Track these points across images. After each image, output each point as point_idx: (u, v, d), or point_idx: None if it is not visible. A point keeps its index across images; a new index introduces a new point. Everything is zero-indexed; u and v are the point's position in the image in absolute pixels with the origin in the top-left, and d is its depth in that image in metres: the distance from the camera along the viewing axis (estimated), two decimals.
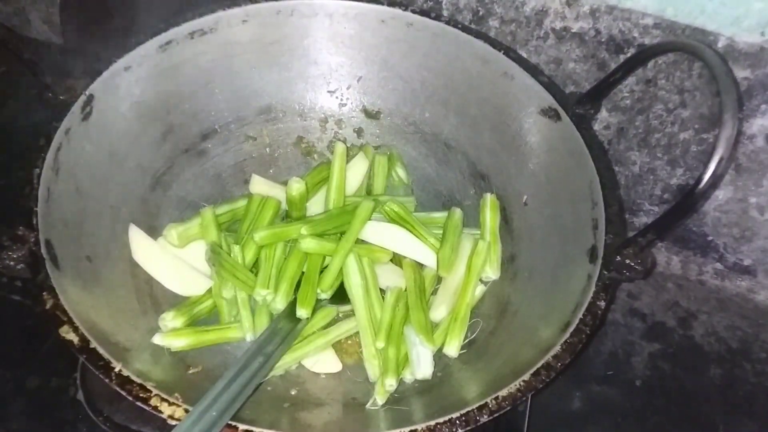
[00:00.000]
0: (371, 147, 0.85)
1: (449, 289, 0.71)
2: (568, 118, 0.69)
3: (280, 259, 0.71)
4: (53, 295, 0.53)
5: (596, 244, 0.61)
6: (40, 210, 0.58)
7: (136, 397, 0.50)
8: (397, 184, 0.85)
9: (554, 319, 0.60)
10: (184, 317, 0.66)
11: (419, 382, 0.66)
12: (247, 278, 0.69)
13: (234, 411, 0.52)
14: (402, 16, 0.77)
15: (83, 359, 0.51)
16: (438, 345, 0.67)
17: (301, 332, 0.67)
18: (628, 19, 0.75)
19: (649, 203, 0.90)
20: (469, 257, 0.72)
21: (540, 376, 0.54)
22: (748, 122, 0.77)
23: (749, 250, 0.87)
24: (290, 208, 0.75)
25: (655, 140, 0.83)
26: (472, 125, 0.80)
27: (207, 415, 0.50)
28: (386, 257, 0.74)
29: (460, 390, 0.63)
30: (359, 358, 0.70)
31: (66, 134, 0.63)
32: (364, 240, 0.73)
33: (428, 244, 0.73)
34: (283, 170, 0.86)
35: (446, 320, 0.69)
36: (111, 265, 0.67)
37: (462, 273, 0.72)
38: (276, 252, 0.71)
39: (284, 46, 0.80)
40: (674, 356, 0.85)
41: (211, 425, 0.50)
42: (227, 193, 0.82)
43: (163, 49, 0.73)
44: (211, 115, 0.80)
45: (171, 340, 0.63)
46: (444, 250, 0.71)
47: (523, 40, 0.82)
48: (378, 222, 0.75)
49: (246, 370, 0.57)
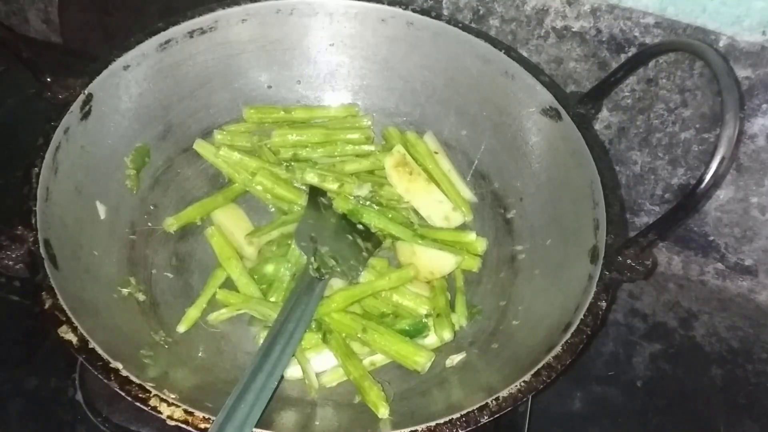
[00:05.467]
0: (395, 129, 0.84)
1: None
2: (569, 117, 0.69)
3: None
4: (52, 294, 0.53)
5: (597, 244, 0.61)
6: (38, 209, 0.58)
7: (135, 398, 0.50)
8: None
9: (555, 319, 0.60)
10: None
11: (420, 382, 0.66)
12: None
13: (265, 402, 0.53)
14: (402, 15, 0.77)
15: (82, 359, 0.51)
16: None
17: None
18: (629, 18, 0.75)
19: (650, 203, 0.90)
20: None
21: (541, 376, 0.53)
22: (750, 122, 0.77)
23: (750, 250, 0.87)
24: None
25: (656, 140, 0.83)
26: (473, 125, 0.80)
27: (239, 409, 0.51)
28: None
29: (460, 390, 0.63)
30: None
31: (65, 133, 0.63)
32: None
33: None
34: None
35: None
36: (110, 264, 0.66)
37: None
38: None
39: (284, 45, 0.80)
40: (675, 357, 0.85)
41: (245, 419, 0.51)
42: None
43: (163, 48, 0.72)
44: (210, 114, 0.80)
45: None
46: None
47: (523, 39, 0.82)
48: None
49: (269, 356, 0.57)
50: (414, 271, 0.71)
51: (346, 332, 0.68)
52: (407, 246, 0.74)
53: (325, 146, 0.82)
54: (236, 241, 0.74)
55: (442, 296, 0.71)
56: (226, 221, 0.75)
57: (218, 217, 0.76)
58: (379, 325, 0.68)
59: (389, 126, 0.83)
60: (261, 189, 0.77)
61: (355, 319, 0.68)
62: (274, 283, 0.71)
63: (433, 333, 0.69)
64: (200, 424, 0.49)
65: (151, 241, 0.73)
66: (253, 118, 0.81)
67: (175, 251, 0.75)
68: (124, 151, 0.72)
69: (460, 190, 0.79)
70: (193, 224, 0.76)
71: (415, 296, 0.70)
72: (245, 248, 0.74)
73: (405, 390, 0.66)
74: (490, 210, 0.79)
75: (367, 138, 0.83)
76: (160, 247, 0.74)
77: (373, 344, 0.67)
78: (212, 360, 0.66)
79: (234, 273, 0.71)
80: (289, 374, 0.66)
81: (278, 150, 0.81)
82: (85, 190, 0.66)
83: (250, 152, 0.79)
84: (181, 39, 0.73)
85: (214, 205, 0.76)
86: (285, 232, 0.75)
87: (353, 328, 0.67)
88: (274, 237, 0.75)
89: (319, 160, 0.81)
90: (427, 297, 0.71)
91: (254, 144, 0.80)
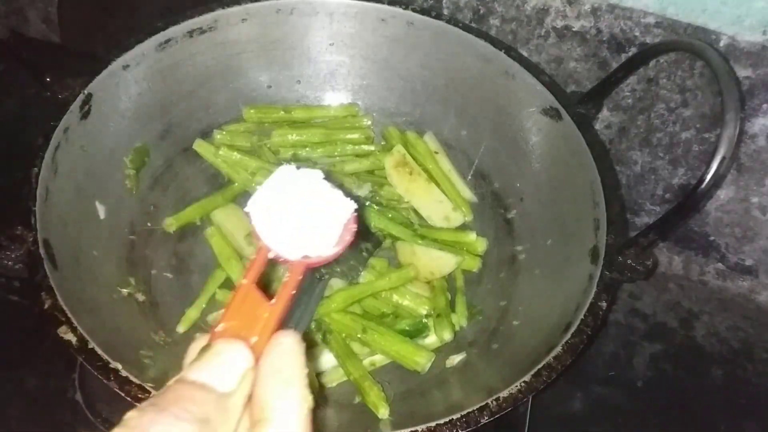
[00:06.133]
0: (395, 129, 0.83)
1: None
2: (570, 117, 0.69)
3: None
4: (51, 295, 0.53)
5: (598, 244, 0.61)
6: (38, 209, 0.57)
7: (134, 398, 0.50)
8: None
9: (555, 319, 0.60)
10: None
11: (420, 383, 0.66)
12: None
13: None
14: (402, 14, 0.77)
15: (82, 359, 0.51)
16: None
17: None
18: (630, 17, 0.75)
19: (651, 203, 0.90)
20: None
21: (541, 376, 0.53)
22: (750, 121, 0.77)
23: (751, 250, 0.87)
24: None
25: (657, 140, 0.83)
26: (473, 124, 0.80)
27: None
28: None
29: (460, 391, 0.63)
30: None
31: (64, 133, 0.63)
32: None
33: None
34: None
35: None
36: (110, 264, 0.66)
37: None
38: None
39: (284, 45, 0.80)
40: (676, 357, 0.85)
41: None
42: None
43: (162, 47, 0.72)
44: (210, 114, 0.80)
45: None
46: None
47: (524, 38, 0.82)
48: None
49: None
50: (414, 271, 0.71)
51: (346, 332, 0.68)
52: (407, 246, 0.74)
53: (325, 146, 0.82)
54: (236, 241, 0.74)
55: (442, 296, 0.71)
56: (226, 221, 0.75)
57: (218, 217, 0.76)
58: (379, 325, 0.67)
59: (389, 126, 0.83)
60: None
61: (355, 320, 0.68)
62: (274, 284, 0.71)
63: (433, 333, 0.69)
64: None
65: (150, 242, 0.73)
66: (253, 118, 0.81)
67: (175, 251, 0.74)
68: (124, 151, 0.72)
69: (460, 190, 0.79)
70: (193, 224, 0.76)
71: (415, 296, 0.70)
72: (245, 248, 0.74)
73: (405, 390, 0.66)
74: (490, 210, 0.79)
75: (367, 138, 0.83)
76: (160, 247, 0.74)
77: (373, 344, 0.67)
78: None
79: (234, 273, 0.71)
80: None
81: (278, 150, 0.81)
82: (85, 190, 0.66)
83: (249, 152, 0.79)
84: (181, 39, 0.73)
85: (213, 205, 0.76)
86: None
87: (353, 328, 0.67)
88: None
89: (319, 160, 0.81)
90: (427, 297, 0.71)
91: (254, 144, 0.80)
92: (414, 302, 0.70)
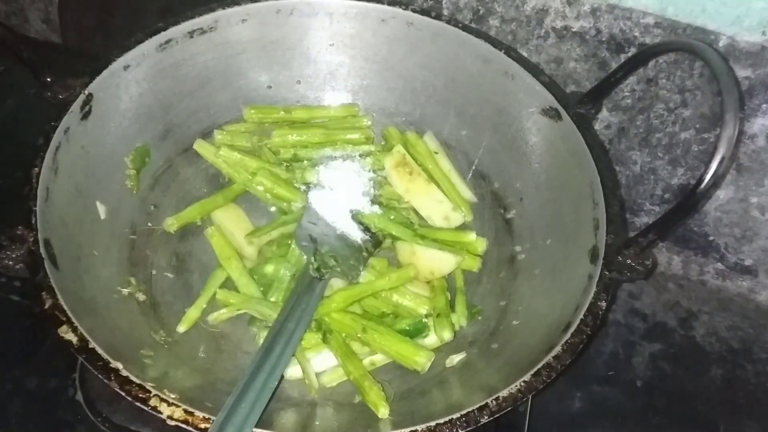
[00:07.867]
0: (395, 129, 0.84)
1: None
2: (569, 117, 0.69)
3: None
4: (52, 294, 0.53)
5: (597, 244, 0.61)
6: (39, 209, 0.58)
7: (135, 398, 0.50)
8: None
9: (555, 319, 0.60)
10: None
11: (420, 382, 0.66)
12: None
13: (265, 402, 0.53)
14: (402, 15, 0.77)
15: (82, 359, 0.51)
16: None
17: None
18: (629, 18, 0.75)
19: (650, 203, 0.90)
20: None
21: (541, 376, 0.53)
22: (750, 122, 0.77)
23: (750, 250, 0.87)
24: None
25: (656, 140, 0.83)
26: (473, 125, 0.80)
27: (239, 409, 0.51)
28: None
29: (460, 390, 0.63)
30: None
31: (65, 133, 0.63)
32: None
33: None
34: None
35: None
36: (110, 264, 0.66)
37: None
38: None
39: (284, 45, 0.80)
40: (675, 357, 0.85)
41: (245, 419, 0.51)
42: None
43: (163, 48, 0.72)
44: (210, 114, 0.80)
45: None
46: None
47: (523, 39, 0.82)
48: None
49: (270, 356, 0.57)
50: (414, 271, 0.71)
51: (346, 332, 0.68)
52: (407, 246, 0.74)
53: (325, 146, 0.82)
54: (236, 241, 0.74)
55: (442, 296, 0.71)
56: (226, 221, 0.75)
57: (218, 217, 0.76)
58: (379, 325, 0.67)
59: (389, 126, 0.83)
60: (261, 189, 0.77)
61: (355, 319, 0.68)
62: (274, 283, 0.71)
63: (433, 333, 0.69)
64: (200, 424, 0.49)
65: (151, 241, 0.73)
66: (253, 118, 0.81)
67: (175, 251, 0.75)
68: (124, 151, 0.72)
69: (460, 190, 0.79)
70: (193, 224, 0.76)
71: (415, 296, 0.70)
72: (245, 248, 0.74)
73: (405, 390, 0.66)
74: (490, 210, 0.79)
75: (367, 138, 0.83)
76: (160, 247, 0.74)
77: (373, 344, 0.67)
78: (212, 360, 0.66)
79: (234, 273, 0.71)
80: (289, 374, 0.66)
81: (278, 150, 0.81)
82: (86, 190, 0.66)
83: (250, 152, 0.79)
84: (181, 39, 0.73)
85: (214, 205, 0.76)
86: (285, 232, 0.75)
87: (353, 328, 0.67)
88: (274, 237, 0.75)
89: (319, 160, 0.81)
90: (427, 297, 0.71)
91: (254, 144, 0.80)
92: (414, 302, 0.70)
